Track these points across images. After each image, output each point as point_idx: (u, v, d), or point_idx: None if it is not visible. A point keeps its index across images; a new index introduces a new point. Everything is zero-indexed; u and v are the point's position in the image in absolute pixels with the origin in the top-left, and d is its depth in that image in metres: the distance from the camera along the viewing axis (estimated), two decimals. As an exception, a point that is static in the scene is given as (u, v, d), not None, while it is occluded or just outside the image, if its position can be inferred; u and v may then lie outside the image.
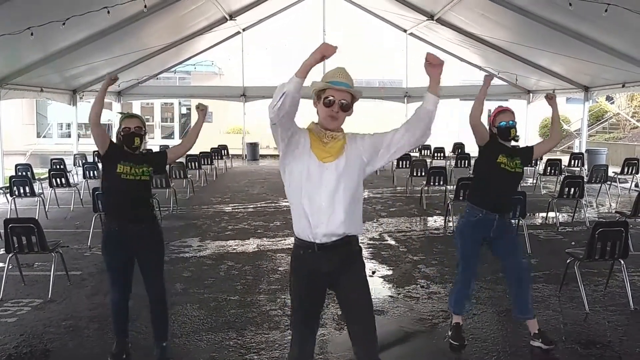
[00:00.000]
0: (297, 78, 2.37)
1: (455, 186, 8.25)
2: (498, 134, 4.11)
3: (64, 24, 8.60)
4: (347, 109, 2.67)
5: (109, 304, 4.00)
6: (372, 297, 2.78)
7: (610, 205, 10.47)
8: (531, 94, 18.11)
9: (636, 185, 11.98)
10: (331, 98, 2.62)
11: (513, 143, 4.22)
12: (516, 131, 4.13)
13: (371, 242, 7.51)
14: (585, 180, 9.04)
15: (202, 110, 4.10)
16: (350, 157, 2.66)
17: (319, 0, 18.58)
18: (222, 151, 16.72)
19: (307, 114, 2.94)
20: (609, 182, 11.16)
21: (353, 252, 2.74)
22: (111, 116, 19.59)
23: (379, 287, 5.54)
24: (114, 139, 3.93)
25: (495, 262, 6.54)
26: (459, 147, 16.64)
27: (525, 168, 4.29)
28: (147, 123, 4.21)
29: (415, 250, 7.05)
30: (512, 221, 4.16)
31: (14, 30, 8.08)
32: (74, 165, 13.73)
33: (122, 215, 3.78)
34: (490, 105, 24.70)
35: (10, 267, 5.43)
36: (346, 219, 2.62)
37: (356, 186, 2.67)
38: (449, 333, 4.27)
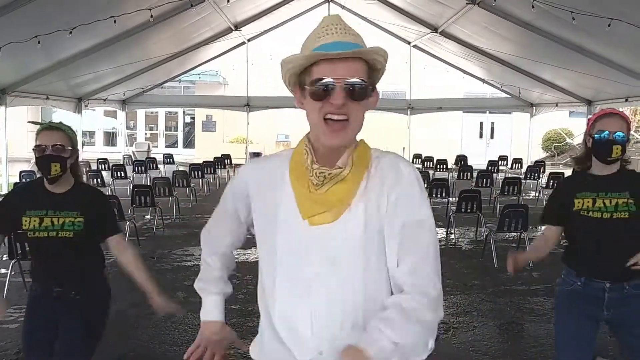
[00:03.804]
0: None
1: (457, 198, 8.25)
2: (593, 150, 2.63)
3: (70, 32, 8.68)
4: (362, 95, 1.33)
5: None
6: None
7: (613, 219, 10.43)
8: (534, 107, 18.13)
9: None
10: (326, 81, 1.30)
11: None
12: (623, 150, 2.56)
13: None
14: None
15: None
16: (370, 212, 1.36)
17: (324, 12, 18.67)
18: (225, 160, 16.75)
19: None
20: (611, 196, 11.12)
21: None
22: (115, 124, 19.65)
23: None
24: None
25: (497, 274, 6.58)
26: (461, 159, 16.66)
27: (528, 181, 3.63)
28: (151, 131, 3.68)
29: (417, 261, 7.02)
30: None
31: (21, 38, 8.15)
32: (78, 172, 13.75)
33: (43, 279, 2.68)
34: (493, 118, 24.80)
35: (12, 273, 5.44)
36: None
37: (382, 277, 1.39)
38: None
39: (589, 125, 2.70)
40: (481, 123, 24.47)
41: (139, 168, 14.24)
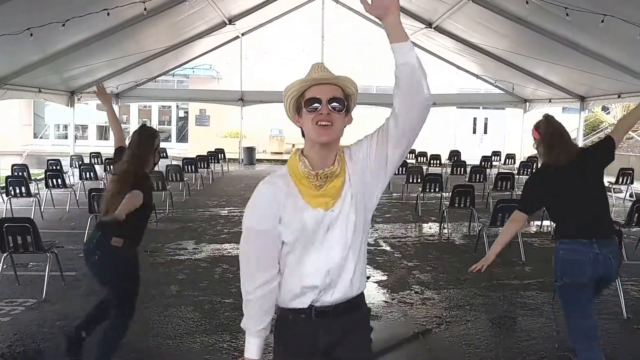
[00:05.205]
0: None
1: (450, 193, 8.28)
2: None
3: (63, 25, 8.60)
4: (340, 108, 1.89)
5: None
6: (366, 302, 2.59)
7: (605, 215, 10.49)
8: (528, 103, 18.20)
9: (630, 195, 12.03)
10: (315, 97, 1.88)
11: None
12: None
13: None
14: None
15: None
16: (355, 185, 1.95)
17: (318, 6, 18.62)
18: (219, 155, 16.73)
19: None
20: (603, 192, 11.18)
21: (362, 317, 2.12)
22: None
23: (373, 293, 5.55)
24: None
25: (489, 268, 6.60)
26: (454, 154, 16.70)
27: (521, 176, 3.92)
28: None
29: (410, 256, 7.07)
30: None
31: (14, 30, 8.08)
32: (70, 166, 13.70)
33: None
34: (487, 114, 24.74)
35: (4, 266, 5.41)
36: (358, 273, 2.01)
37: (365, 225, 2.02)
38: None
39: None
40: (475, 119, 24.51)
41: (132, 162, 14.16)
